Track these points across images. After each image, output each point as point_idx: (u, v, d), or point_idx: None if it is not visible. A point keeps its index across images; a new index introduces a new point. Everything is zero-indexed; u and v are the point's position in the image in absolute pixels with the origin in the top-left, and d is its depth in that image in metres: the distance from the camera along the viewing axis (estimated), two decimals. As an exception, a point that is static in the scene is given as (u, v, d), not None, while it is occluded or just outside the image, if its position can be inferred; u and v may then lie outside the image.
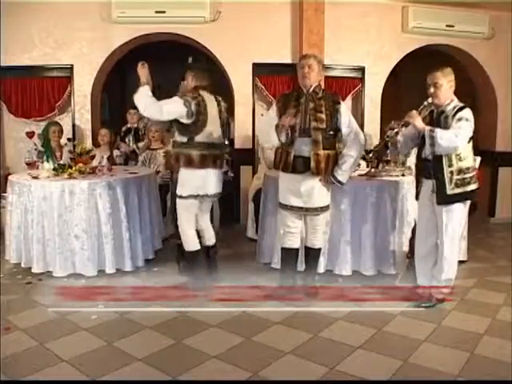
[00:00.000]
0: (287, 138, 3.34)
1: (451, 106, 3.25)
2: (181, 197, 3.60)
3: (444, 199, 3.23)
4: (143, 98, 3.40)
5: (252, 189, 5.26)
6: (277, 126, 3.35)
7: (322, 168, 3.36)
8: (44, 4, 5.32)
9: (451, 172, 3.19)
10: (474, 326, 3.10)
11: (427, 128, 3.15)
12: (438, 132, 3.10)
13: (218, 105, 3.67)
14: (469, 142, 3.23)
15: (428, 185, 3.33)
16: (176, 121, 3.51)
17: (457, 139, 3.08)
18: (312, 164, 3.34)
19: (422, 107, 3.28)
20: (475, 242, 5.01)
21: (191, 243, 3.68)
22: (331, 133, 3.39)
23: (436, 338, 2.94)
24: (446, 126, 3.18)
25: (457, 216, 3.28)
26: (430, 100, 3.26)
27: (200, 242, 3.74)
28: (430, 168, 3.27)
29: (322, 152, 3.34)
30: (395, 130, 3.32)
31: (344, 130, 3.42)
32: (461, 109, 3.20)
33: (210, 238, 3.85)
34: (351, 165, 3.45)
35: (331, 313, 3.29)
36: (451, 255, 3.31)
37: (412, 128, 3.33)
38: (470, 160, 3.26)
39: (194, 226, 3.72)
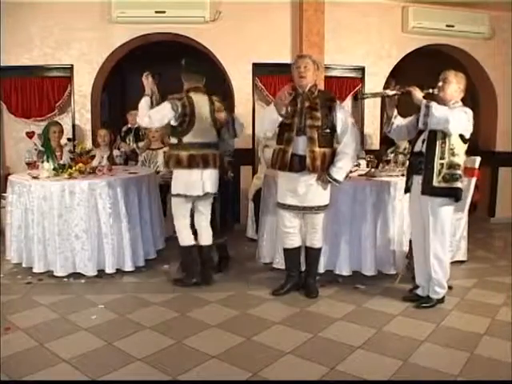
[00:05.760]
0: (286, 111, 3.36)
1: (454, 106, 3.26)
2: (172, 195, 3.75)
3: (429, 190, 3.24)
4: (140, 109, 3.56)
5: (252, 189, 5.26)
6: (276, 104, 3.35)
7: (318, 165, 3.38)
8: (44, 4, 5.32)
9: (441, 164, 3.21)
10: (474, 326, 3.10)
11: (425, 100, 3.18)
12: (434, 104, 3.14)
13: (212, 104, 3.71)
14: (465, 142, 3.26)
15: (418, 181, 3.33)
16: (168, 123, 3.63)
17: (450, 114, 3.09)
18: (307, 161, 3.35)
19: (425, 91, 3.27)
20: (475, 242, 5.02)
21: (183, 239, 3.78)
22: (327, 131, 3.41)
23: (436, 338, 2.94)
24: None
25: (443, 216, 3.28)
26: (435, 91, 3.28)
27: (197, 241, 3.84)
28: (423, 162, 3.28)
29: (317, 149, 3.37)
30: (394, 92, 3.32)
31: (339, 127, 3.45)
32: (463, 107, 3.25)
33: (206, 239, 3.86)
34: (346, 162, 3.45)
35: (331, 313, 3.30)
36: (437, 255, 3.31)
37: (412, 117, 3.37)
38: (461, 159, 3.27)
39: (188, 223, 3.80)
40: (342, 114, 3.46)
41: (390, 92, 3.36)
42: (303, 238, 3.67)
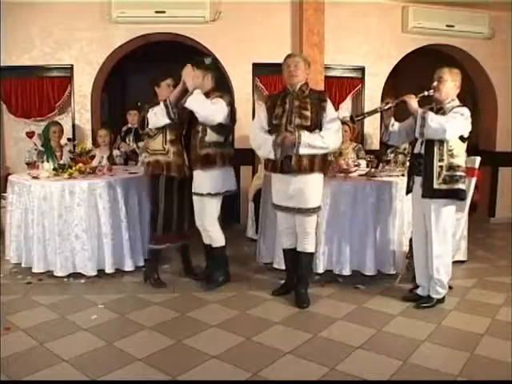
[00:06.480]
0: (282, 155, 3.30)
1: (450, 105, 3.26)
2: (216, 194, 3.64)
3: (429, 193, 3.25)
4: (201, 103, 3.41)
5: (252, 189, 5.27)
6: (275, 143, 3.29)
7: (306, 165, 3.31)
8: (44, 4, 5.32)
9: (441, 167, 3.22)
10: (474, 326, 3.10)
11: (420, 110, 3.18)
12: (430, 114, 3.14)
13: None
14: (463, 141, 3.26)
15: (419, 182, 3.34)
16: None
17: (446, 124, 3.09)
18: (293, 161, 3.30)
19: (420, 95, 3.28)
20: (475, 242, 5.02)
21: (219, 239, 3.75)
22: (317, 131, 3.34)
23: (436, 338, 2.94)
24: None
25: (445, 216, 3.28)
26: (431, 92, 3.28)
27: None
28: (422, 163, 3.28)
29: None
30: (389, 105, 3.33)
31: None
32: (459, 107, 3.24)
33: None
34: (315, 138, 3.26)
35: (331, 313, 3.30)
36: (439, 255, 3.31)
37: (410, 120, 3.37)
38: (462, 159, 3.28)
39: None
40: (333, 114, 3.42)
41: (385, 106, 3.36)
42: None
